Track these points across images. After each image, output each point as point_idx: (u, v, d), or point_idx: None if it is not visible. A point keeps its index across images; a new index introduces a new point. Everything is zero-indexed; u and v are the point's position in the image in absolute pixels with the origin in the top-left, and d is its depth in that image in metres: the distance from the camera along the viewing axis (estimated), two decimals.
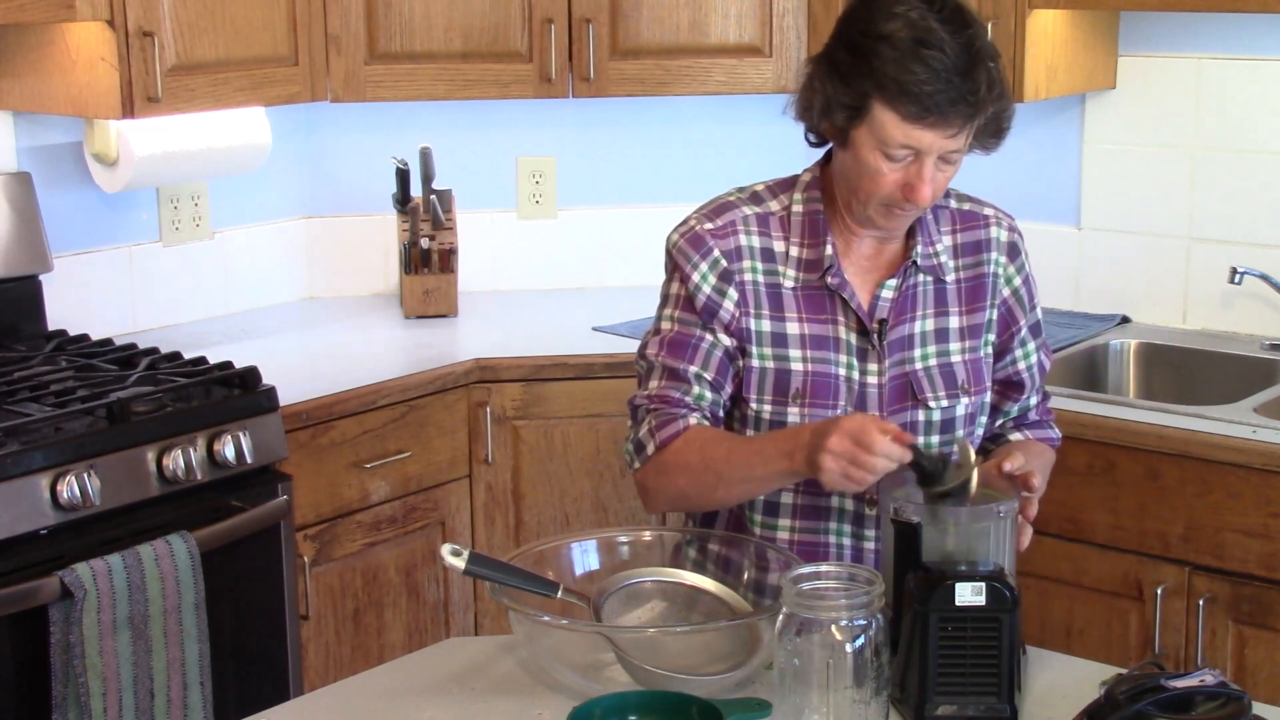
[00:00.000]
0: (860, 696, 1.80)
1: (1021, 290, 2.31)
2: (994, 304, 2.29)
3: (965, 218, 2.31)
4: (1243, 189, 3.52)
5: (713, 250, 2.22)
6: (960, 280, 2.28)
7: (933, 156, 2.11)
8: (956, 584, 1.89)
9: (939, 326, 2.26)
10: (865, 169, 2.14)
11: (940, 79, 2.05)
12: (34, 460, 2.72)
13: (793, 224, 2.24)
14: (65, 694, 2.67)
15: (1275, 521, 2.91)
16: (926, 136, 2.08)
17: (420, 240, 3.79)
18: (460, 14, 3.59)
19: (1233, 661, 2.97)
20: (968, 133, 2.12)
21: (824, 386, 2.21)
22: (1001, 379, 2.33)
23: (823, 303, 2.23)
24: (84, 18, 3.08)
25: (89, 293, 3.56)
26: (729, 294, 2.22)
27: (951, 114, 2.07)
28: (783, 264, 2.23)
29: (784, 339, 2.22)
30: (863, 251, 2.25)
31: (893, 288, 2.23)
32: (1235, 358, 3.45)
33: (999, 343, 2.31)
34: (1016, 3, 3.36)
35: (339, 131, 3.94)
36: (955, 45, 2.06)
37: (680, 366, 2.21)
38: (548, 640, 2.00)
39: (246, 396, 3.04)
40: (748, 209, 2.26)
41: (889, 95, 2.07)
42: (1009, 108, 2.20)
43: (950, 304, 2.27)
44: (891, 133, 2.09)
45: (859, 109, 2.10)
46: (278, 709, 2.05)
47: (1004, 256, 2.30)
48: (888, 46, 2.06)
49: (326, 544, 3.23)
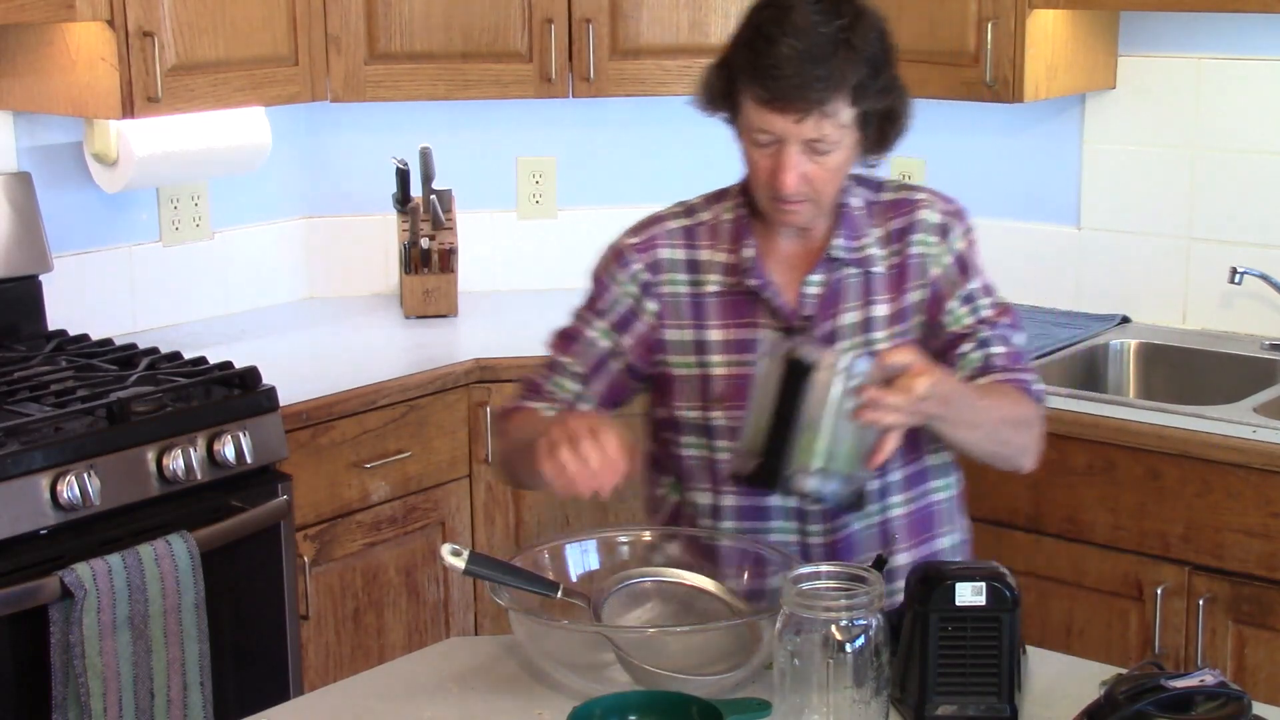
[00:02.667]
0: (860, 696, 1.80)
1: (953, 267, 2.27)
2: (924, 284, 2.27)
3: (895, 206, 2.29)
4: (1243, 189, 3.52)
5: (632, 264, 2.27)
6: (890, 268, 2.27)
7: (793, 144, 2.11)
8: (956, 584, 1.89)
9: (865, 317, 2.25)
10: (745, 157, 2.19)
11: (791, 64, 2.07)
12: (34, 460, 2.72)
13: (720, 232, 2.27)
14: (65, 694, 2.67)
15: (1275, 521, 2.91)
16: (777, 121, 2.10)
17: (420, 240, 3.79)
18: (460, 14, 3.59)
19: (1233, 661, 2.97)
20: (819, 120, 2.09)
21: (744, 388, 2.21)
22: (941, 347, 2.27)
23: (745, 306, 2.24)
24: (84, 18, 3.08)
25: (89, 293, 3.56)
26: (647, 307, 2.26)
27: (797, 99, 2.08)
28: (707, 272, 2.26)
29: (705, 345, 2.25)
30: (787, 249, 2.26)
31: (817, 283, 2.24)
32: (1235, 358, 3.45)
33: (928, 319, 2.27)
34: (1016, 3, 3.36)
35: (339, 131, 3.94)
36: (816, 34, 2.08)
37: (557, 357, 2.32)
38: (548, 640, 2.00)
39: (246, 396, 3.04)
40: (674, 223, 2.30)
41: (747, 79, 2.11)
42: (897, 106, 2.19)
43: (877, 292, 2.26)
44: (751, 117, 2.13)
45: (732, 96, 2.15)
46: (278, 709, 2.05)
47: (933, 236, 2.27)
48: (754, 34, 2.11)
49: (326, 544, 3.23)
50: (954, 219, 2.30)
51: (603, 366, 2.29)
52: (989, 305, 2.28)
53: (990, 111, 3.66)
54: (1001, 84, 3.40)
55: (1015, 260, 3.85)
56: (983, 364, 2.24)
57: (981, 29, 3.40)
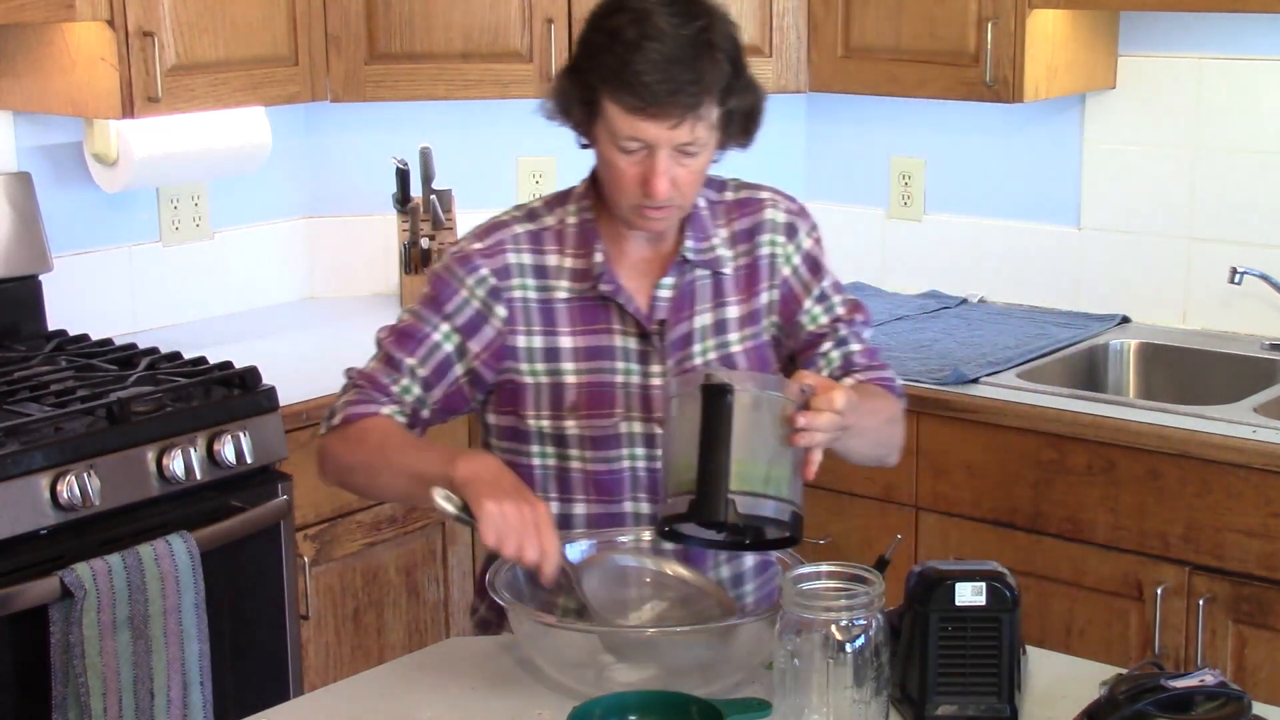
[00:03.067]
0: (860, 696, 1.80)
1: (802, 268, 2.28)
2: (774, 285, 2.27)
3: (741, 206, 2.29)
4: (1243, 189, 3.52)
5: (480, 269, 2.21)
6: (738, 269, 2.26)
7: (664, 149, 2.09)
8: (956, 584, 1.89)
9: (718, 319, 2.25)
10: (608, 167, 2.15)
11: (658, 70, 2.04)
12: (34, 460, 2.72)
13: (566, 236, 2.24)
14: (65, 694, 2.67)
15: (1275, 521, 2.91)
16: (650, 129, 2.08)
17: (420, 240, 3.79)
18: (460, 14, 3.59)
19: (1233, 661, 2.97)
20: (692, 124, 2.08)
21: (600, 396, 2.20)
22: (798, 347, 2.28)
23: (597, 312, 2.22)
24: (84, 18, 3.08)
25: (89, 293, 3.56)
26: (497, 312, 2.21)
27: (670, 105, 2.06)
28: (555, 278, 2.22)
29: (556, 353, 2.21)
30: (638, 254, 2.24)
31: (669, 286, 2.22)
32: (1235, 358, 3.45)
33: (783, 320, 2.28)
34: (1016, 3, 3.36)
35: (339, 131, 3.94)
36: (678, 37, 2.05)
37: (399, 356, 2.21)
38: (548, 640, 2.00)
39: (246, 396, 3.04)
40: (519, 227, 2.25)
41: (612, 88, 2.08)
42: (755, 102, 2.19)
43: (728, 294, 2.25)
44: (618, 125, 2.09)
45: (592, 104, 2.12)
46: (278, 709, 2.05)
47: (781, 236, 2.27)
48: (612, 40, 2.08)
49: (326, 544, 3.23)
50: (799, 218, 2.30)
51: (446, 373, 2.22)
52: (841, 303, 2.29)
53: (990, 111, 3.66)
54: (1001, 84, 3.40)
55: (1015, 260, 3.85)
56: (843, 362, 2.26)
57: (981, 29, 3.40)
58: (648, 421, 2.21)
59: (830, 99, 3.92)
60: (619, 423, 2.20)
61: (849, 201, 4.05)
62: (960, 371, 3.27)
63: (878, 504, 3.35)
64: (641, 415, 2.21)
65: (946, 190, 3.93)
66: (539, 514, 1.97)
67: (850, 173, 4.05)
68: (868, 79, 3.62)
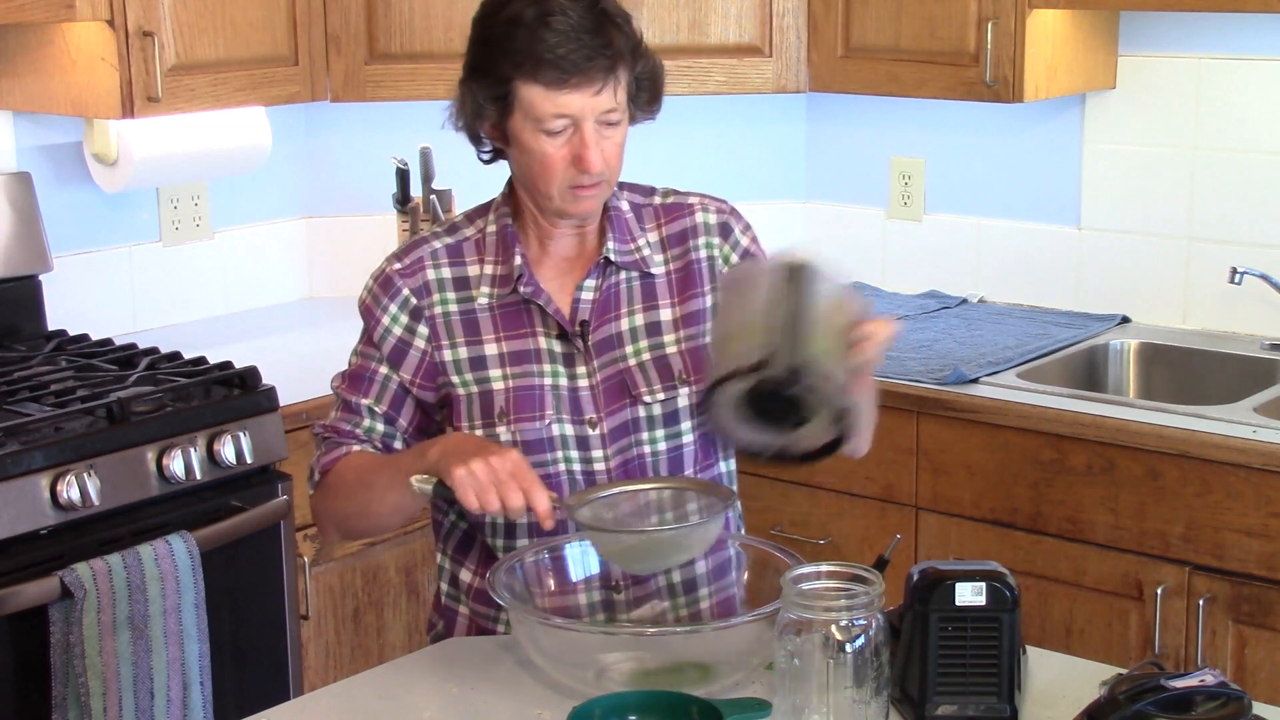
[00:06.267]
0: (860, 696, 1.80)
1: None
2: (714, 287, 2.27)
3: (669, 210, 2.30)
4: (1243, 189, 3.52)
5: (401, 290, 2.24)
6: (670, 272, 2.27)
7: (589, 121, 2.12)
8: (956, 584, 1.89)
9: (650, 320, 2.24)
10: (533, 157, 2.15)
11: (571, 39, 2.08)
12: (34, 460, 2.72)
13: (487, 244, 2.25)
14: (65, 694, 2.67)
15: (1275, 521, 2.91)
16: (575, 100, 2.10)
17: None
18: (460, 14, 3.59)
19: (1233, 661, 2.97)
20: (613, 89, 2.12)
21: (528, 400, 2.20)
22: None
23: (520, 316, 2.22)
24: (84, 18, 3.08)
25: (89, 293, 3.56)
26: (419, 332, 2.23)
27: (590, 69, 2.09)
28: (477, 287, 2.24)
29: (483, 361, 2.22)
30: (560, 255, 2.25)
31: (591, 288, 2.23)
32: (1235, 358, 3.45)
33: None
34: (1016, 3, 3.36)
35: (339, 131, 3.94)
36: (578, 8, 2.10)
37: (354, 399, 2.25)
38: (548, 640, 2.00)
39: (246, 396, 3.04)
40: (438, 242, 2.27)
41: (527, 70, 2.10)
42: (656, 68, 2.22)
43: (661, 296, 2.26)
44: (541, 106, 2.11)
45: (504, 97, 2.14)
46: (278, 709, 2.05)
47: (716, 238, 2.29)
48: (514, 26, 2.10)
49: (326, 544, 3.23)
50: (731, 217, 2.32)
51: (403, 401, 2.24)
52: None
53: (990, 111, 3.67)
54: (1001, 84, 3.40)
55: (1015, 260, 3.85)
56: None
57: (981, 29, 3.40)
58: (578, 423, 2.20)
59: (830, 99, 3.92)
60: (549, 425, 2.19)
61: (849, 201, 4.05)
62: (960, 371, 3.27)
63: (878, 504, 3.35)
64: (571, 417, 2.20)
65: (946, 190, 3.93)
66: (510, 461, 2.00)
67: (850, 173, 4.05)
68: (868, 79, 3.62)
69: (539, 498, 1.99)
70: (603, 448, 2.20)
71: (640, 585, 2.21)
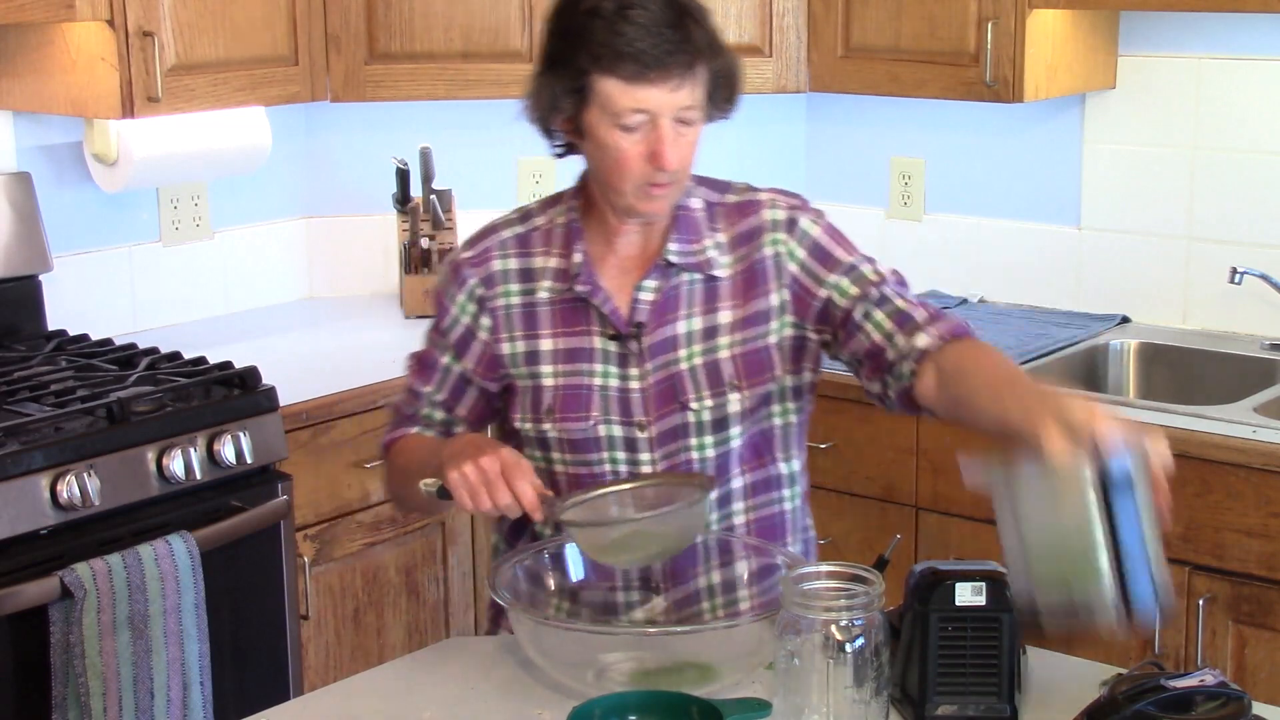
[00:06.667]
0: (860, 696, 1.80)
1: (808, 260, 2.20)
2: (782, 284, 2.20)
3: (739, 209, 2.24)
4: (1243, 189, 3.52)
5: (468, 280, 2.24)
6: (736, 273, 2.21)
7: (667, 117, 2.09)
8: (956, 584, 1.89)
9: (708, 324, 2.20)
10: (608, 153, 2.12)
11: (651, 33, 2.05)
12: (34, 460, 2.72)
13: (553, 236, 2.24)
14: (65, 694, 2.67)
15: (1275, 521, 2.91)
16: (653, 95, 2.07)
17: (420, 240, 3.79)
18: (460, 14, 3.59)
19: (1233, 661, 2.97)
20: (691, 86, 2.09)
21: (574, 399, 2.19)
22: (839, 325, 2.18)
23: (578, 314, 2.21)
24: (84, 18, 3.08)
25: (89, 293, 3.56)
26: (483, 323, 2.24)
27: (670, 64, 2.06)
28: (540, 280, 2.23)
29: (536, 356, 2.22)
30: (624, 253, 2.22)
31: (651, 289, 2.19)
32: (1235, 358, 3.45)
33: (801, 316, 2.20)
34: (1016, 3, 3.36)
35: (339, 131, 3.94)
36: (658, 2, 2.07)
37: (416, 386, 2.30)
38: (548, 640, 2.00)
39: (246, 396, 3.04)
40: (508, 231, 2.26)
41: (606, 63, 2.07)
42: (734, 64, 2.18)
43: (722, 299, 2.20)
44: (619, 100, 2.08)
45: (581, 90, 2.10)
46: (278, 709, 2.05)
47: (782, 233, 2.21)
48: (593, 18, 2.07)
49: (326, 544, 3.23)
50: (800, 211, 2.24)
51: (463, 392, 2.27)
52: (873, 272, 2.20)
53: (990, 111, 3.67)
54: (1001, 84, 3.40)
55: (1015, 260, 3.85)
56: (896, 320, 2.14)
57: (981, 29, 3.40)
58: (627, 425, 2.19)
59: (830, 99, 3.92)
60: (595, 426, 2.19)
61: (849, 201, 4.04)
62: None
63: (878, 504, 3.35)
64: (620, 419, 2.19)
65: (946, 190, 3.93)
66: (499, 460, 2.02)
67: (850, 173, 4.05)
68: (868, 79, 3.62)
69: (524, 490, 2.01)
70: (650, 450, 2.19)
71: (680, 587, 2.20)
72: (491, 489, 2.01)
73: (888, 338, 2.13)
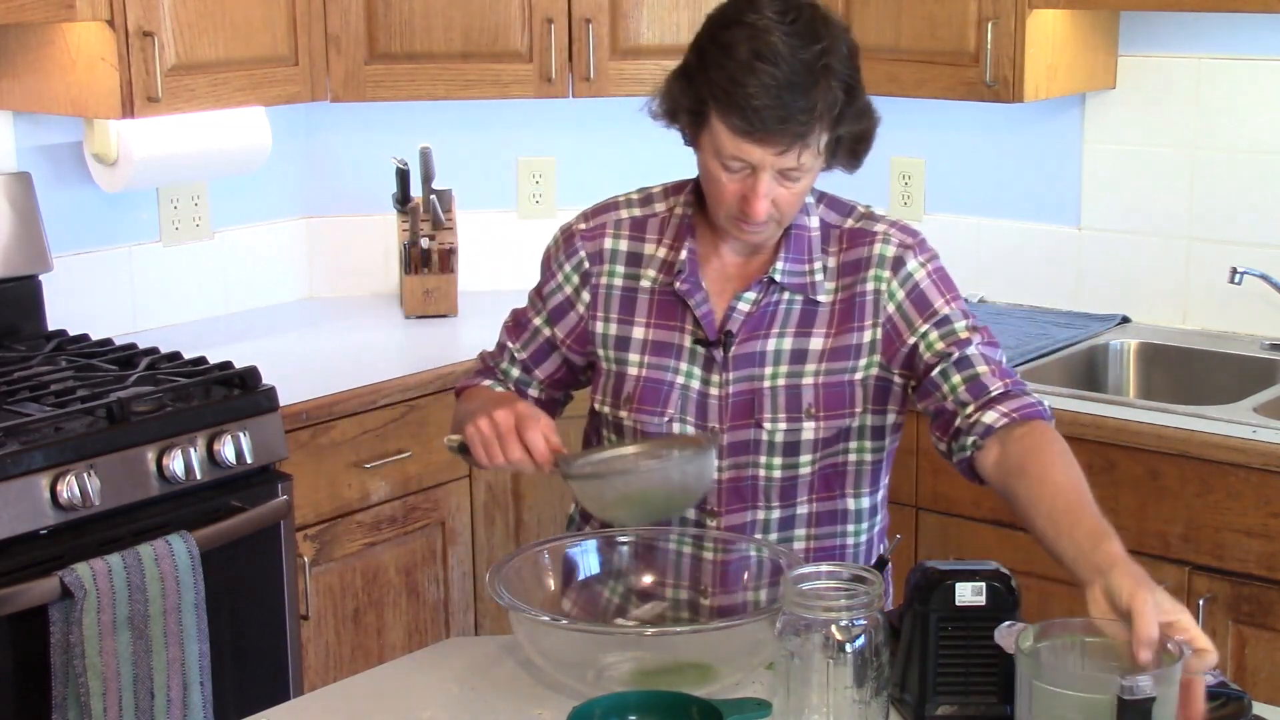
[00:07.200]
0: (860, 696, 1.80)
1: (906, 303, 2.17)
2: (877, 323, 2.17)
3: (853, 236, 2.20)
4: (1243, 189, 3.52)
5: (579, 251, 2.27)
6: (836, 301, 2.18)
7: (767, 172, 2.05)
8: (956, 584, 1.89)
9: (798, 347, 2.17)
10: (708, 176, 2.11)
11: (770, 94, 1.99)
12: (34, 460, 2.72)
13: (668, 227, 2.23)
14: (65, 694, 2.67)
15: (1275, 521, 2.91)
16: (756, 152, 2.03)
17: (420, 240, 3.79)
18: (460, 14, 3.59)
19: (1233, 661, 2.97)
20: (800, 151, 2.04)
21: (654, 393, 2.19)
22: (921, 375, 2.16)
23: (675, 308, 2.21)
24: (84, 18, 3.08)
25: (89, 293, 3.56)
26: (583, 297, 2.26)
27: (779, 132, 2.01)
28: (647, 266, 2.23)
29: (627, 343, 2.23)
30: (730, 259, 2.22)
31: (750, 300, 2.18)
32: (1235, 358, 3.45)
33: (888, 359, 2.18)
34: (1016, 3, 3.36)
35: (339, 131, 3.94)
36: (795, 61, 1.99)
37: (505, 340, 2.35)
38: (548, 640, 2.00)
39: (246, 396, 3.04)
40: (626, 212, 2.27)
41: (721, 106, 2.03)
42: (869, 127, 2.14)
43: (818, 325, 2.18)
44: (723, 144, 2.05)
45: (699, 115, 2.07)
46: (278, 709, 2.05)
47: (887, 271, 2.17)
48: (726, 56, 2.02)
49: (326, 544, 3.23)
50: (909, 251, 2.19)
51: (546, 356, 2.31)
52: (964, 328, 2.17)
53: (990, 111, 3.67)
54: (1001, 84, 3.40)
55: (1015, 260, 3.85)
56: (970, 388, 2.11)
57: (981, 29, 3.40)
58: (700, 428, 2.19)
59: None
60: (670, 423, 2.19)
61: None
62: None
63: None
64: (695, 421, 2.19)
65: (946, 190, 3.93)
66: (514, 414, 2.05)
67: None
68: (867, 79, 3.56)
69: (535, 441, 2.03)
70: (719, 458, 2.17)
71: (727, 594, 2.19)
72: (503, 442, 2.04)
73: (960, 405, 2.11)
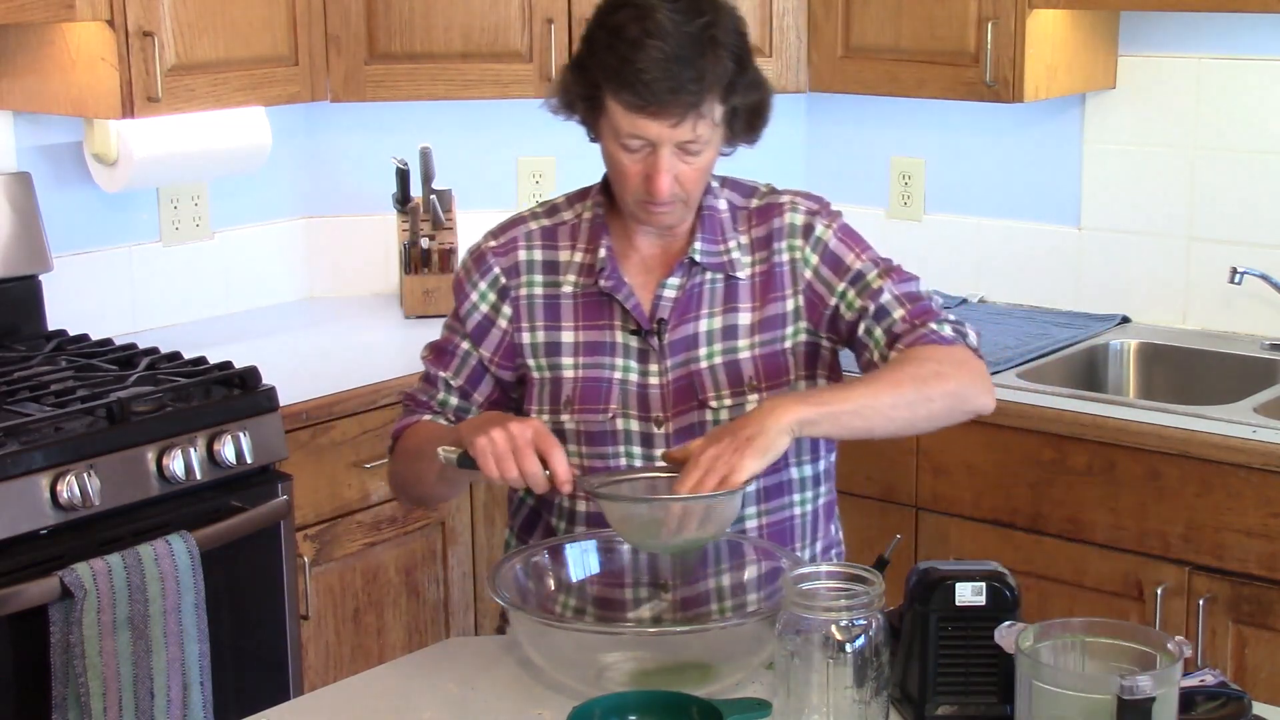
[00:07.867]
0: (860, 696, 1.80)
1: (823, 267, 2.22)
2: (797, 290, 2.22)
3: (761, 212, 2.25)
4: (1243, 189, 3.52)
5: (493, 269, 2.26)
6: (755, 275, 2.23)
7: (666, 147, 2.09)
8: (956, 584, 1.89)
9: (727, 324, 2.22)
10: (612, 162, 2.15)
11: (659, 67, 2.03)
12: (34, 460, 2.72)
13: (580, 231, 2.25)
14: (65, 694, 2.67)
15: (1275, 521, 2.91)
16: (652, 127, 2.07)
17: (420, 240, 3.79)
18: (460, 14, 3.59)
19: (1233, 661, 2.97)
20: (695, 121, 2.07)
21: (593, 391, 2.20)
22: (847, 336, 2.22)
23: (601, 308, 2.22)
24: (84, 18, 3.08)
25: (89, 293, 3.56)
26: (503, 311, 2.25)
27: (671, 103, 2.05)
28: (565, 273, 2.24)
29: (558, 348, 2.23)
30: (647, 251, 2.24)
31: (674, 286, 2.21)
32: (1235, 358, 3.45)
33: (815, 324, 2.23)
34: (1016, 3, 3.36)
35: (339, 131, 3.94)
36: (681, 34, 2.04)
37: (434, 372, 2.30)
38: (548, 640, 2.00)
39: (246, 396, 3.04)
40: (534, 224, 2.28)
41: (613, 86, 2.07)
42: (758, 98, 2.16)
43: (741, 300, 2.22)
44: (620, 123, 2.09)
45: (594, 100, 2.11)
46: (278, 709, 2.05)
47: (799, 240, 2.23)
48: (614, 37, 2.07)
49: (326, 544, 3.23)
50: (816, 217, 2.25)
51: (481, 377, 2.28)
52: (876, 275, 2.21)
53: (990, 111, 3.67)
54: (1001, 84, 3.40)
55: (1015, 260, 3.85)
56: (887, 337, 2.18)
57: (981, 29, 3.40)
58: (644, 420, 2.20)
59: (830, 99, 3.92)
60: (613, 419, 2.20)
61: (849, 201, 4.03)
62: None
63: (878, 504, 3.35)
64: (638, 414, 2.21)
65: (946, 190, 3.93)
66: (530, 429, 2.01)
67: (850, 173, 4.05)
68: (868, 79, 3.62)
69: (558, 461, 1.99)
70: (667, 446, 2.19)
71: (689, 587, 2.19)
72: (520, 455, 1.99)
73: (883, 358, 2.18)
